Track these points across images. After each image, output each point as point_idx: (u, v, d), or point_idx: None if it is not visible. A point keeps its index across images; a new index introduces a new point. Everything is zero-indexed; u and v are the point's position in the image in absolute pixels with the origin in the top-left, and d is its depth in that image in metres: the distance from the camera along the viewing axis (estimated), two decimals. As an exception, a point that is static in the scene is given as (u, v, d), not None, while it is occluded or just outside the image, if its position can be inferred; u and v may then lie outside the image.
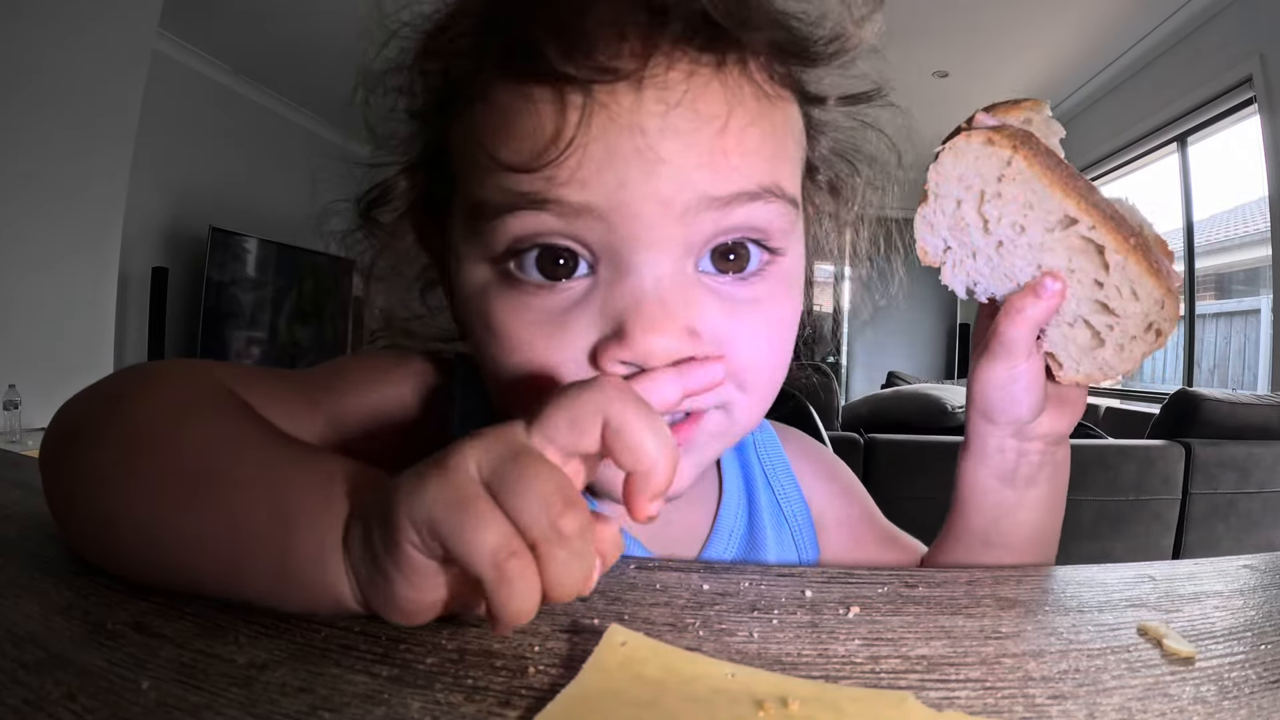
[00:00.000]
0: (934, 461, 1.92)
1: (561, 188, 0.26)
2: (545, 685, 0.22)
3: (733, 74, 0.28)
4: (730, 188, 0.27)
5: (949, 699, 0.22)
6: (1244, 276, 3.65)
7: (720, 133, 0.27)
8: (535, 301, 0.29)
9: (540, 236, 0.28)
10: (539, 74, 0.26)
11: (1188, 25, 3.28)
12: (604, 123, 0.26)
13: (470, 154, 0.29)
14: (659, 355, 0.27)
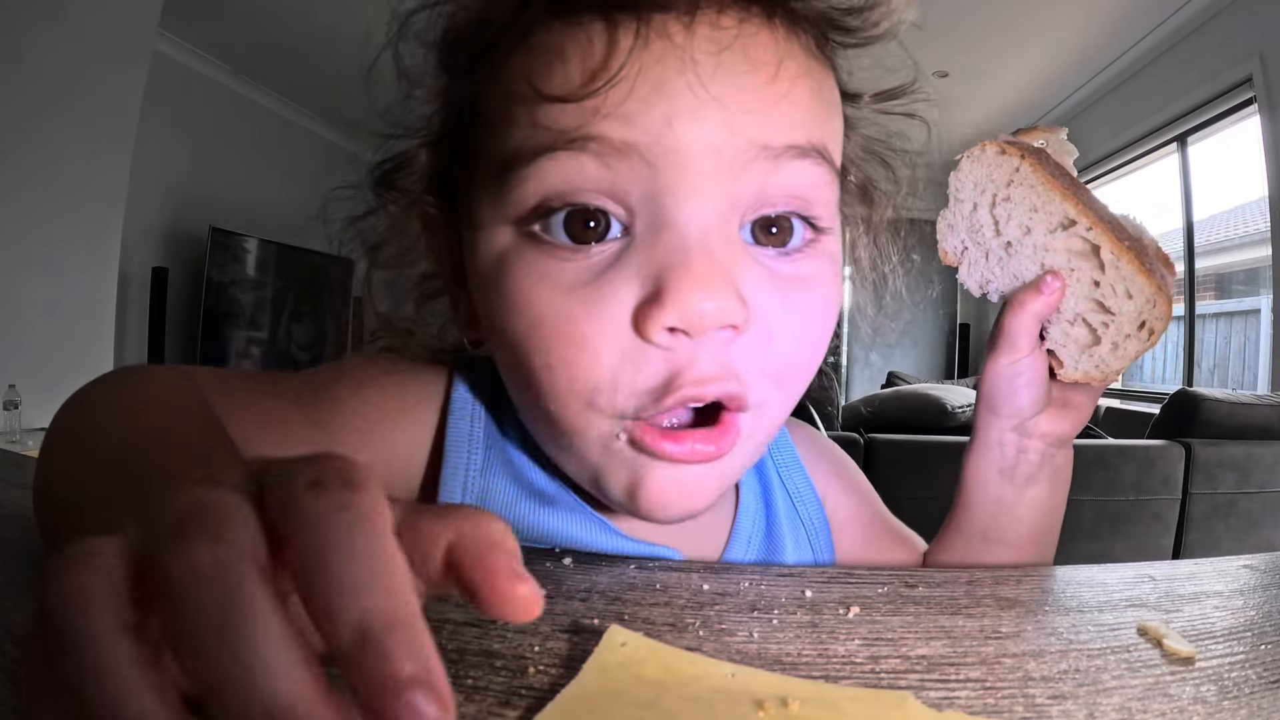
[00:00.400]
0: (934, 461, 1.92)
1: (605, 121, 0.24)
2: (545, 685, 0.22)
3: (781, 29, 0.27)
4: (782, 138, 0.26)
5: (949, 699, 0.22)
6: (1244, 276, 3.65)
7: (772, 80, 0.26)
8: (565, 266, 0.26)
9: (573, 193, 0.25)
10: (591, 5, 0.25)
11: (1188, 25, 3.28)
12: (658, 52, 0.24)
13: (506, 99, 0.27)
14: (709, 317, 0.24)
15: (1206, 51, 3.20)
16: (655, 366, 0.25)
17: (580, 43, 0.25)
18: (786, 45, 0.27)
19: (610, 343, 0.25)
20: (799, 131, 0.26)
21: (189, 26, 3.74)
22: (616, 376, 0.25)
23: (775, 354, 0.27)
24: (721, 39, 0.25)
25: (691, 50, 0.24)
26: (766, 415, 0.29)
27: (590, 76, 0.24)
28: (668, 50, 0.24)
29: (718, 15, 0.25)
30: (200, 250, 3.99)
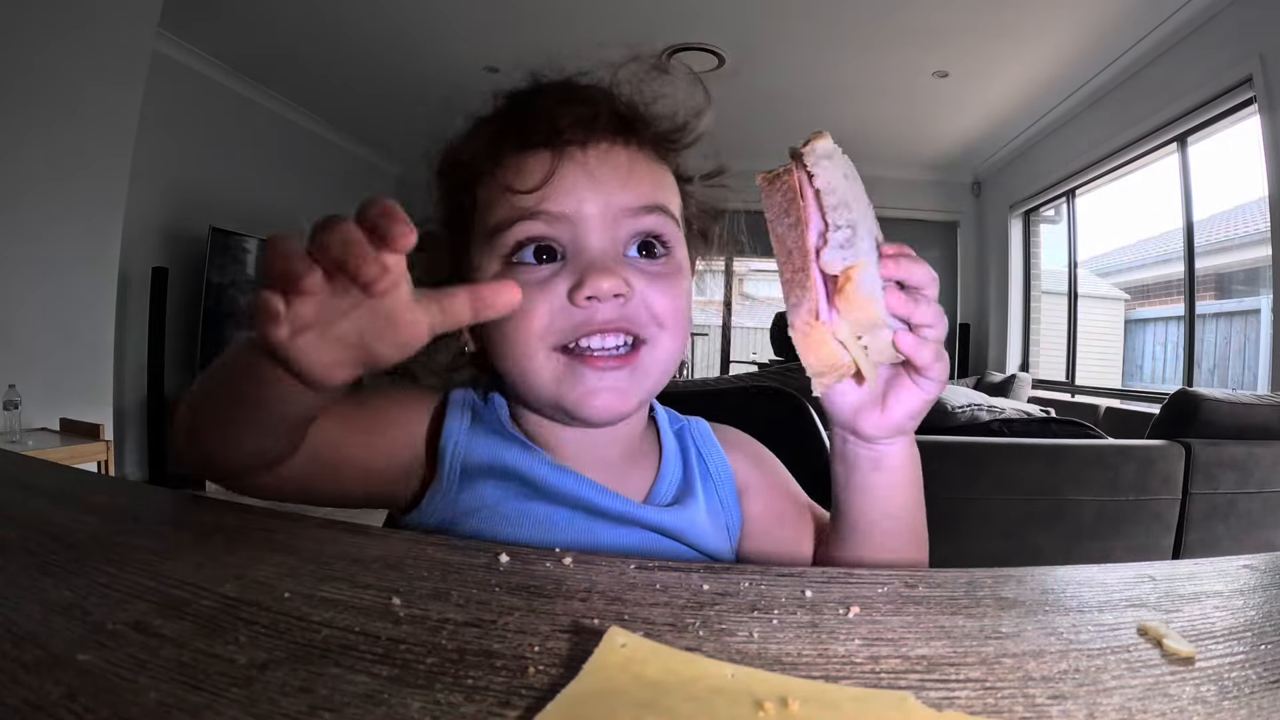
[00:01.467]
0: (934, 461, 1.90)
1: (548, 203, 0.45)
2: (545, 685, 0.22)
3: (632, 147, 0.48)
4: (636, 202, 0.46)
5: (949, 699, 0.22)
6: (1244, 276, 3.65)
7: (628, 173, 0.47)
8: (529, 274, 0.45)
9: (535, 239, 0.45)
10: (536, 142, 0.46)
11: (1188, 25, 3.28)
12: (569, 167, 0.46)
13: (491, 194, 0.48)
14: (605, 290, 0.43)
15: (1206, 51, 3.20)
16: (576, 317, 0.44)
17: (532, 163, 0.46)
18: (635, 155, 0.48)
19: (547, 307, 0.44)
20: (646, 199, 0.47)
21: (189, 26, 3.74)
22: (553, 322, 0.44)
23: (651, 309, 0.46)
24: (601, 155, 0.47)
25: (587, 164, 0.46)
26: (660, 347, 0.47)
27: (540, 181, 0.45)
28: (576, 164, 0.46)
29: (598, 143, 0.47)
30: (200, 250, 3.99)
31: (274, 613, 0.27)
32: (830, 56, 3.94)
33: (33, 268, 2.53)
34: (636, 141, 0.49)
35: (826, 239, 0.37)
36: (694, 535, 0.50)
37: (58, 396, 2.58)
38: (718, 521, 0.54)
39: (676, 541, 0.50)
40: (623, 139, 0.48)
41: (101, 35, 2.68)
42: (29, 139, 2.49)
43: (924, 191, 5.94)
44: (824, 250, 0.36)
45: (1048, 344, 5.17)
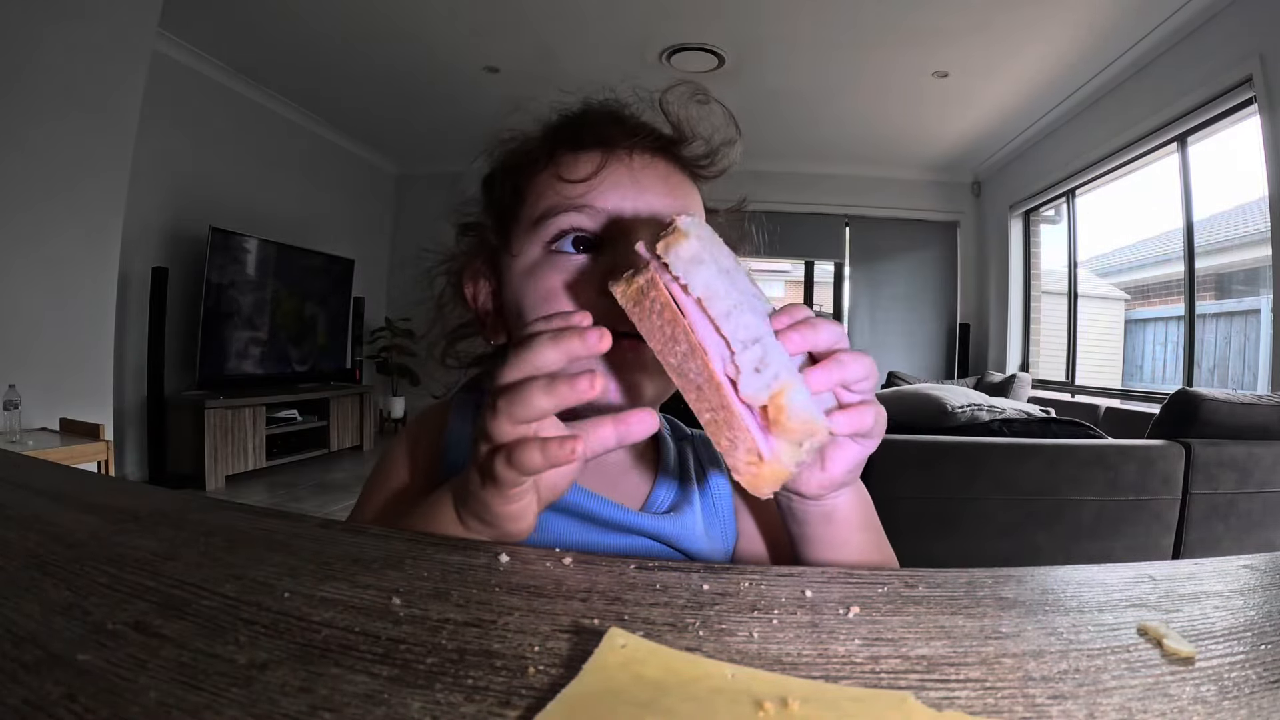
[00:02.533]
0: (934, 461, 1.92)
1: (593, 198, 0.48)
2: (545, 685, 0.22)
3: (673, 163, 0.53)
4: (673, 209, 0.49)
5: (949, 699, 0.22)
6: (1244, 276, 3.65)
7: (667, 182, 0.51)
8: (567, 262, 0.48)
9: (577, 228, 0.48)
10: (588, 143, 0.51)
11: (1188, 25, 3.28)
12: (616, 167, 0.50)
13: (541, 186, 0.51)
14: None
15: (1206, 51, 3.20)
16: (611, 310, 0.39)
17: (583, 160, 0.50)
18: (673, 169, 0.53)
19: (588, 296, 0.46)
20: (681, 207, 0.50)
21: (189, 26, 3.74)
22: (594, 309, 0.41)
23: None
24: (645, 163, 0.51)
25: (632, 166, 0.50)
26: None
27: (590, 173, 0.49)
28: (623, 166, 0.50)
29: (642, 153, 0.51)
30: (200, 250, 3.99)
31: (274, 613, 0.27)
32: (830, 56, 3.94)
33: (33, 268, 2.54)
34: (674, 159, 0.53)
35: (736, 365, 0.32)
36: (689, 543, 0.50)
37: (58, 396, 2.58)
38: (714, 531, 0.54)
39: (671, 548, 0.50)
40: (663, 155, 0.52)
41: (101, 35, 2.68)
42: (29, 139, 2.49)
43: (924, 191, 5.95)
44: (739, 380, 0.31)
45: (1048, 344, 5.18)
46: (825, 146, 5.45)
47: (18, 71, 2.43)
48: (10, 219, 2.46)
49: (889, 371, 5.21)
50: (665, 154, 0.52)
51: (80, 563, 0.31)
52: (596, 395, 0.33)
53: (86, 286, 2.75)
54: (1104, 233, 4.88)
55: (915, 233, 6.03)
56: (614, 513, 0.49)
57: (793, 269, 9.71)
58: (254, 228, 4.39)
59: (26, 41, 2.44)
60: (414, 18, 3.64)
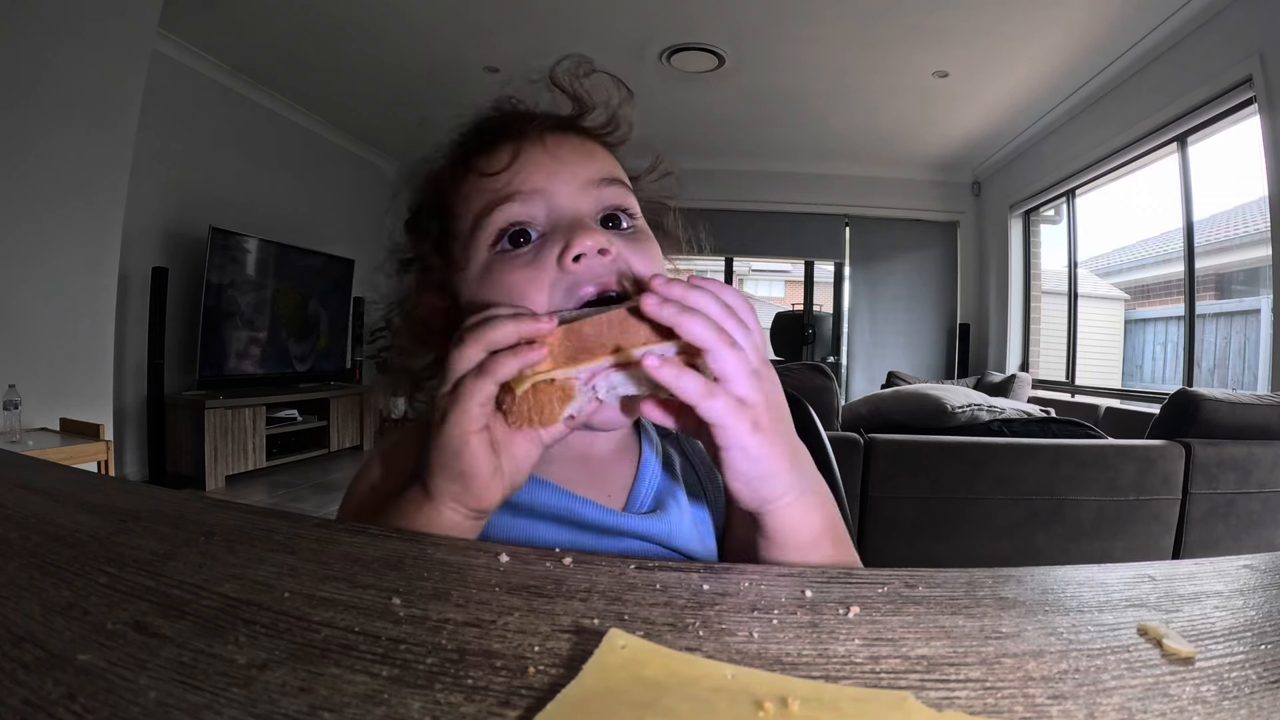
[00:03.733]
0: (934, 461, 1.92)
1: (518, 183, 0.48)
2: (545, 685, 0.22)
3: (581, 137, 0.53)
4: (599, 174, 0.50)
5: (949, 699, 0.22)
6: (1244, 276, 3.65)
7: (585, 152, 0.52)
8: (518, 257, 0.47)
9: (512, 222, 0.48)
10: (496, 139, 0.51)
11: (1188, 25, 3.28)
12: (532, 148, 0.50)
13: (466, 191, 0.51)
14: (591, 246, 0.45)
15: (1206, 51, 3.20)
16: (569, 278, 0.46)
17: (498, 153, 0.50)
18: (586, 140, 0.53)
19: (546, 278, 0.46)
20: (605, 172, 0.51)
21: (189, 26, 3.74)
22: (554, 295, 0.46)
23: (631, 266, 0.47)
24: (558, 140, 0.51)
25: (546, 144, 0.50)
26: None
27: (508, 161, 0.49)
28: (538, 146, 0.50)
29: (552, 132, 0.52)
30: (200, 250, 3.99)
31: (274, 613, 0.27)
32: (830, 56, 3.94)
33: (33, 268, 2.54)
34: (584, 131, 0.54)
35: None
36: (680, 541, 0.50)
37: (58, 396, 2.58)
38: (705, 528, 0.54)
39: (665, 548, 0.49)
40: (571, 129, 0.53)
41: (102, 36, 2.69)
42: (29, 139, 2.49)
43: (924, 191, 5.95)
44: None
45: (1048, 344, 5.18)
46: (825, 146, 5.45)
47: (19, 74, 2.43)
48: (11, 219, 2.46)
49: (889, 371, 5.21)
50: (572, 128, 0.53)
51: (80, 563, 0.31)
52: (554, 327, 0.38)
53: (86, 286, 2.75)
54: (1104, 233, 4.88)
55: (915, 233, 6.03)
56: (598, 515, 0.48)
57: (793, 269, 9.70)
58: (254, 228, 4.39)
59: (27, 42, 2.44)
60: (414, 17, 3.64)
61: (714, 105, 4.67)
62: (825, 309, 6.36)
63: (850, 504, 1.63)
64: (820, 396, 1.92)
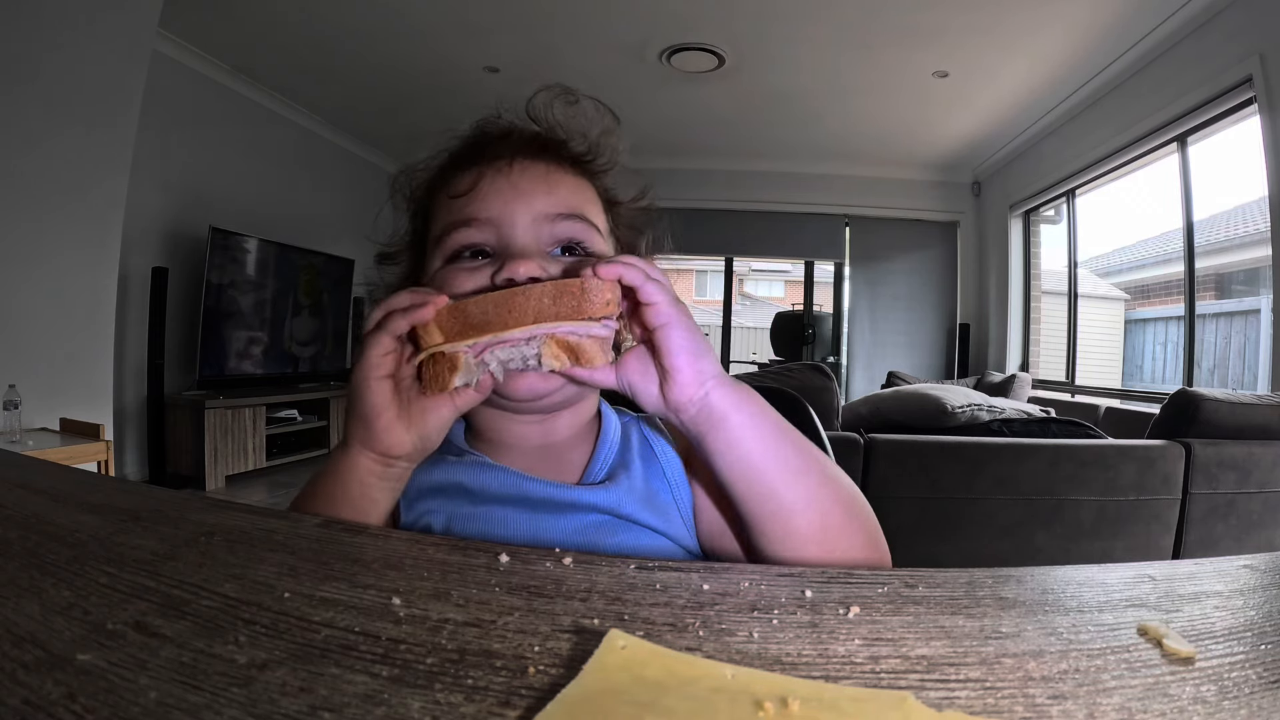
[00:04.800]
0: (934, 461, 1.92)
1: (476, 209, 0.52)
2: (545, 685, 0.22)
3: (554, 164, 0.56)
4: (555, 209, 0.53)
5: (949, 699, 0.22)
6: (1244, 276, 3.65)
7: (547, 183, 0.54)
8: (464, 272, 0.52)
9: (467, 243, 0.52)
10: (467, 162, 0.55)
11: (1188, 25, 3.28)
12: (494, 177, 0.54)
13: (437, 207, 0.56)
14: (521, 273, 0.48)
15: (1206, 51, 3.20)
16: None
17: (466, 176, 0.54)
18: (553, 169, 0.55)
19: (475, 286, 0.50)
20: (564, 205, 0.53)
21: (189, 26, 3.74)
22: None
23: None
24: (523, 168, 0.54)
25: (511, 176, 0.53)
26: None
27: (469, 186, 0.53)
28: (501, 175, 0.54)
29: (522, 160, 0.54)
30: (200, 250, 3.99)
31: (274, 613, 0.27)
32: (830, 56, 3.94)
33: (33, 267, 2.54)
34: (555, 160, 0.56)
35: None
36: (629, 509, 0.51)
37: (58, 396, 2.58)
38: (663, 498, 0.54)
39: (616, 517, 0.51)
40: (543, 158, 0.55)
41: (102, 36, 2.68)
42: (29, 138, 2.49)
43: (924, 191, 5.95)
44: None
45: (1048, 344, 5.18)
46: (825, 146, 5.45)
47: (18, 72, 2.43)
48: (11, 219, 2.46)
49: (889, 371, 5.21)
50: (545, 155, 0.55)
51: (80, 563, 0.31)
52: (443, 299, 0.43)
53: (86, 286, 2.75)
54: (1104, 233, 4.88)
55: (915, 233, 6.03)
56: (545, 490, 0.51)
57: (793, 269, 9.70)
58: (254, 228, 4.39)
59: (27, 42, 2.44)
60: (414, 17, 3.64)
61: (714, 105, 4.67)
62: (825, 309, 6.36)
63: (850, 504, 1.62)
64: (820, 396, 1.92)
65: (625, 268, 0.42)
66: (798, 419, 0.72)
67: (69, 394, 2.65)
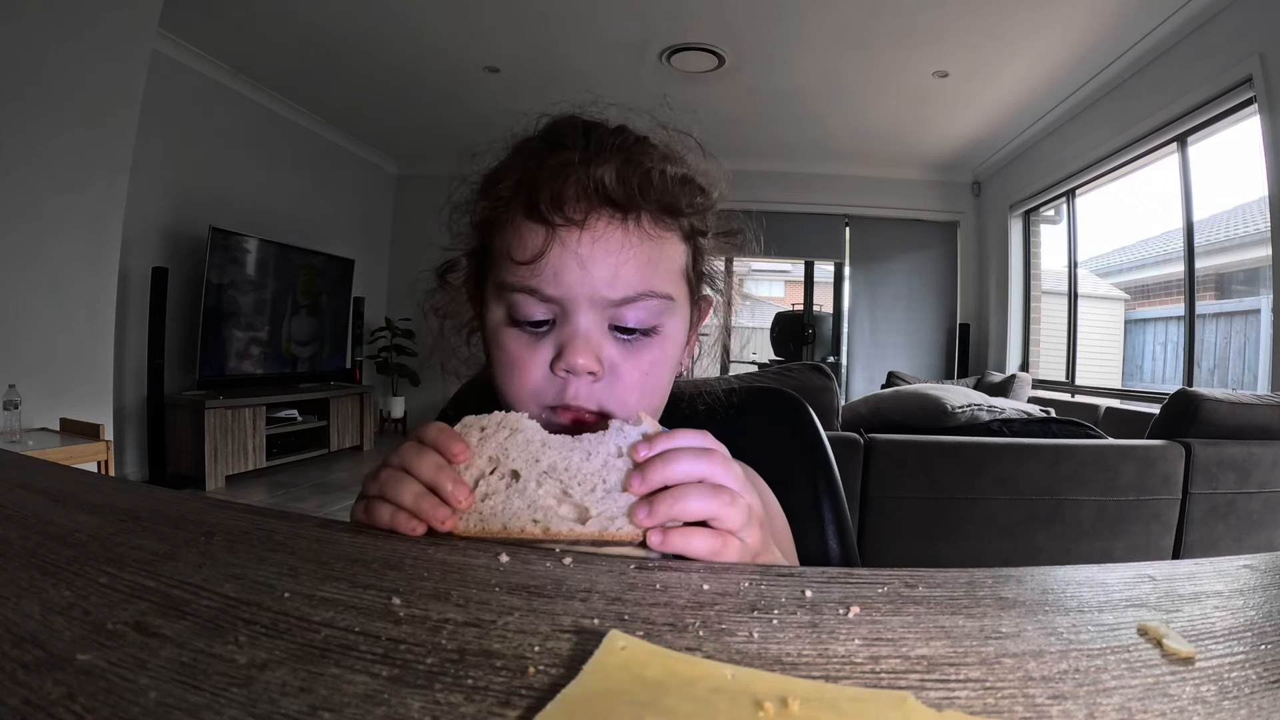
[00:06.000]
0: (934, 461, 1.92)
1: (539, 283, 0.49)
2: (545, 685, 0.22)
3: (630, 224, 0.50)
4: (621, 294, 0.50)
5: (949, 699, 0.22)
6: (1244, 276, 3.65)
7: (618, 260, 0.49)
8: (524, 335, 0.51)
9: (528, 315, 0.50)
10: (536, 216, 0.49)
11: (1188, 25, 3.28)
12: (560, 252, 0.49)
13: (500, 254, 0.52)
14: (580, 367, 0.48)
15: (1206, 51, 3.20)
16: (557, 386, 0.49)
17: (529, 236, 0.50)
18: (630, 235, 0.50)
19: (538, 372, 0.50)
20: (632, 288, 0.50)
21: (189, 26, 3.74)
22: (539, 387, 0.50)
23: (617, 388, 0.50)
24: (594, 237, 0.49)
25: (580, 248, 0.49)
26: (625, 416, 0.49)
27: (532, 258, 0.49)
28: (568, 250, 0.49)
29: (595, 221, 0.49)
30: (200, 250, 3.99)
31: (274, 613, 0.27)
32: (830, 56, 3.94)
33: (33, 268, 2.54)
34: (635, 218, 0.50)
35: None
36: None
37: (58, 396, 2.58)
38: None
39: None
40: (620, 217, 0.50)
41: (102, 36, 2.68)
42: (30, 140, 2.49)
43: (924, 191, 5.94)
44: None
45: (1048, 344, 5.18)
46: (825, 146, 5.45)
47: (19, 73, 2.43)
48: (11, 219, 2.46)
49: (889, 371, 5.21)
50: (625, 211, 0.50)
51: (80, 563, 0.31)
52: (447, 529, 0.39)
53: (86, 286, 2.75)
54: (1104, 233, 4.88)
55: (915, 233, 6.03)
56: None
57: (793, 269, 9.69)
58: (254, 228, 4.39)
59: (28, 43, 2.44)
60: (414, 17, 3.64)
61: (714, 105, 4.66)
62: (825, 309, 6.36)
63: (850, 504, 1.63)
64: (820, 396, 1.92)
65: (684, 540, 0.38)
66: (798, 418, 0.72)
67: (69, 394, 2.65)
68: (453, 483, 0.39)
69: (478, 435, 0.42)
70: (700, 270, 0.58)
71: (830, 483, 0.69)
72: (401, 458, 0.41)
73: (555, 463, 0.40)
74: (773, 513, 0.59)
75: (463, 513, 0.39)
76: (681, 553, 0.38)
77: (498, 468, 0.41)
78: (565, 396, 0.49)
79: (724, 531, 0.39)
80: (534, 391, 0.50)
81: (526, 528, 0.38)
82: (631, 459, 0.39)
